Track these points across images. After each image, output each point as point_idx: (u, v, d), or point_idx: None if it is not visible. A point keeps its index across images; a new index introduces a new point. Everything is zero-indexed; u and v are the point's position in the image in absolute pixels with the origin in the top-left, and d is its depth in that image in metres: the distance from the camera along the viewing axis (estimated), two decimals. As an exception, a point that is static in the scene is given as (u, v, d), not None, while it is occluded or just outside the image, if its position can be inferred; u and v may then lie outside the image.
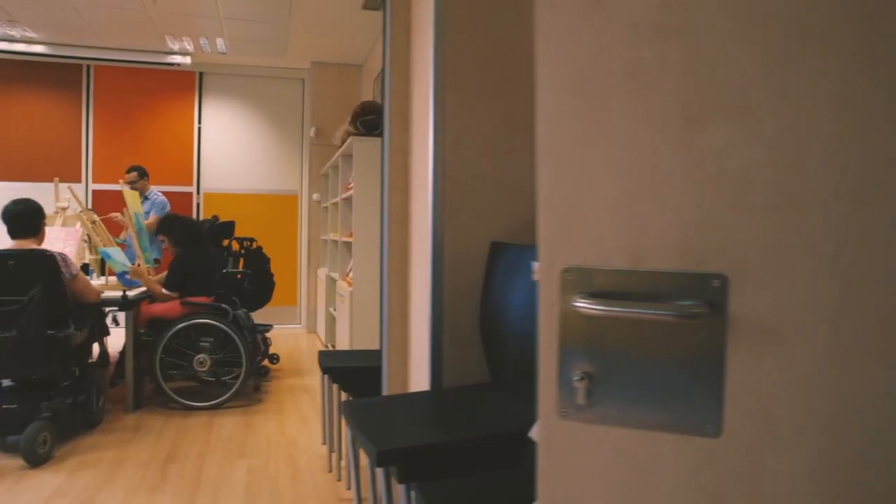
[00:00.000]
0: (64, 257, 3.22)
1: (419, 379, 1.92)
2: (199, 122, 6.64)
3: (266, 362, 4.78)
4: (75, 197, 4.02)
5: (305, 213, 6.68)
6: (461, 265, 1.80)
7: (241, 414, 3.73)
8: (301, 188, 6.86)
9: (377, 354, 2.99)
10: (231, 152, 6.72)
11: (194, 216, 6.52)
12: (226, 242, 4.63)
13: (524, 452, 1.24)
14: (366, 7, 5.10)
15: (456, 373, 1.75)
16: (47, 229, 3.48)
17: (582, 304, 0.75)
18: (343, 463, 2.89)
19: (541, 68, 0.79)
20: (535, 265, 0.81)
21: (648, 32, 0.75)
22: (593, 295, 0.76)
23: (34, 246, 3.26)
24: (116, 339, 3.98)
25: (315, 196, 6.46)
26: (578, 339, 0.77)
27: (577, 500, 0.78)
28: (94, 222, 4.05)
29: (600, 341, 0.77)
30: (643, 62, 0.75)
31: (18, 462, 2.91)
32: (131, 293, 3.71)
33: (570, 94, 0.78)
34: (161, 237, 4.07)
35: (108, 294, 3.57)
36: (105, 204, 6.19)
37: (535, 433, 1.19)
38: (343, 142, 4.69)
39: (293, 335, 6.48)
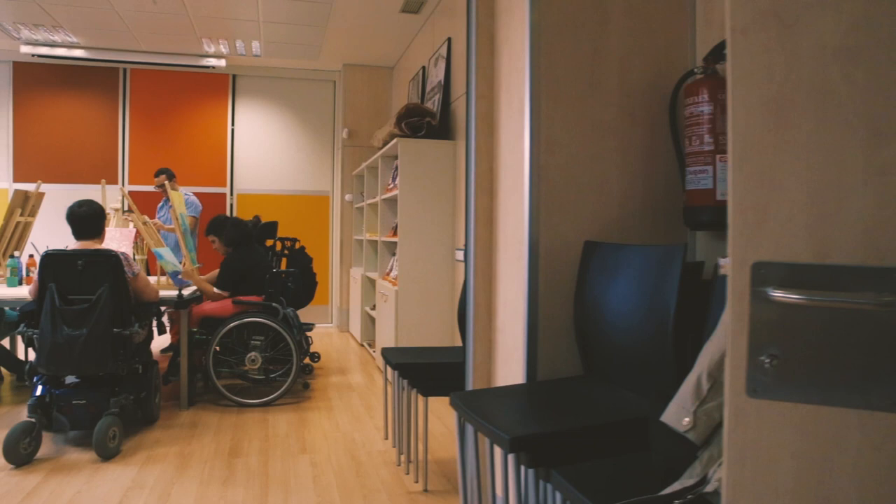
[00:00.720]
0: (126, 256, 3.30)
1: (507, 372, 1.99)
2: (233, 124, 6.73)
3: (307, 360, 4.85)
4: (128, 198, 4.10)
5: (337, 214, 6.76)
6: (555, 263, 1.86)
7: (293, 411, 3.80)
8: (332, 189, 6.94)
9: (445, 350, 3.06)
10: (263, 153, 6.81)
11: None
12: (269, 242, 4.71)
13: (645, 437, 1.30)
14: (404, 10, 5.19)
15: (549, 365, 1.82)
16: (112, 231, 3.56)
17: (779, 294, 0.81)
18: (411, 457, 2.96)
19: (733, 86, 0.86)
20: (724, 261, 0.88)
21: (836, 54, 0.82)
22: (782, 285, 0.83)
23: (98, 246, 3.34)
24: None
25: (347, 197, 6.53)
26: (767, 325, 0.84)
27: (764, 470, 0.84)
28: (144, 223, 4.12)
29: (788, 327, 0.83)
30: (831, 81, 0.82)
31: (88, 456, 2.99)
32: (185, 292, 3.79)
33: (762, 109, 0.85)
34: (211, 237, 4.15)
35: (163, 293, 3.65)
36: (141, 206, 6.28)
37: (668, 418, 1.24)
38: (385, 143, 4.75)
39: (326, 334, 6.55)
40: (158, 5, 5.01)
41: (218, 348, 3.87)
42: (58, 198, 6.10)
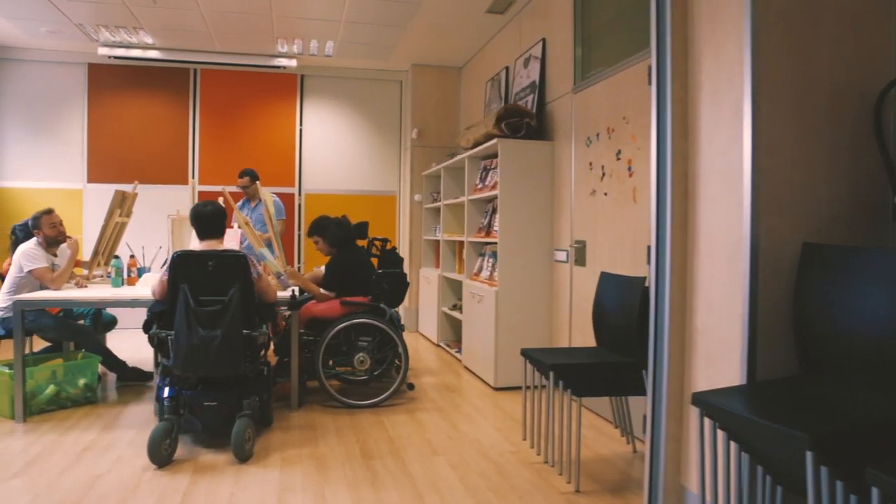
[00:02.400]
0: (248, 258, 3.29)
1: (713, 374, 1.96)
2: (301, 124, 6.73)
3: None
4: (229, 200, 4.10)
5: (405, 214, 6.74)
6: (771, 264, 1.84)
7: (404, 412, 3.78)
8: (399, 189, 6.93)
9: (581, 351, 3.02)
10: (330, 154, 6.81)
11: (296, 217, 6.63)
12: (360, 243, 4.69)
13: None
14: (490, 11, 5.16)
15: (767, 366, 1.80)
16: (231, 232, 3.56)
17: None
18: (553, 457, 2.94)
19: None
20: None
21: None
22: None
23: (221, 246, 3.34)
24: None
25: (416, 197, 6.51)
26: None
27: None
28: (247, 223, 4.13)
29: None
30: None
31: (223, 457, 2.98)
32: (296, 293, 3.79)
33: None
34: (314, 238, 4.14)
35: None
36: (211, 205, 6.30)
37: None
38: (476, 143, 4.73)
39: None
40: (245, 5, 5.01)
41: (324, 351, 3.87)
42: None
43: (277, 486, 2.67)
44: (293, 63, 6.33)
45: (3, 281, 4.37)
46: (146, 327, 3.24)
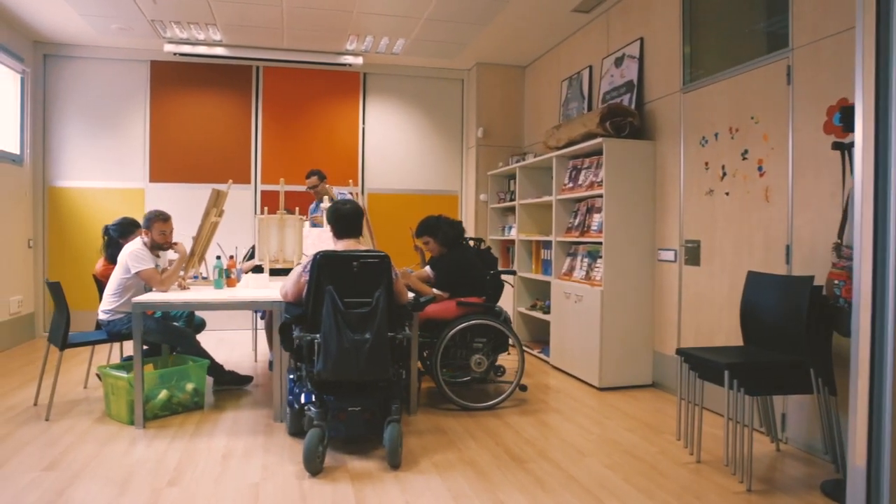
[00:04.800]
0: (390, 258, 3.22)
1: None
2: (363, 123, 6.66)
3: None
4: (333, 196, 4.03)
5: (469, 214, 6.68)
6: None
7: (523, 414, 3.74)
8: (462, 188, 6.87)
9: (735, 350, 2.99)
10: (392, 152, 6.74)
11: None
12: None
13: None
14: (577, 10, 5.13)
15: None
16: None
17: None
18: (699, 456, 2.92)
19: None
20: None
21: None
22: None
23: (359, 246, 3.28)
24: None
25: (482, 196, 6.47)
26: None
27: None
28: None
29: None
30: None
31: (373, 464, 2.91)
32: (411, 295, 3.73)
33: None
34: (425, 238, 4.08)
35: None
36: (273, 205, 6.22)
37: None
38: (570, 143, 4.69)
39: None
40: (326, 2, 4.94)
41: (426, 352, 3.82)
42: (191, 197, 6.06)
43: (448, 493, 2.62)
44: (359, 61, 6.26)
45: (97, 282, 4.27)
46: (284, 330, 3.16)
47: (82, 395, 4.08)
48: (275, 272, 4.17)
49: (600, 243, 4.39)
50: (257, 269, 4.30)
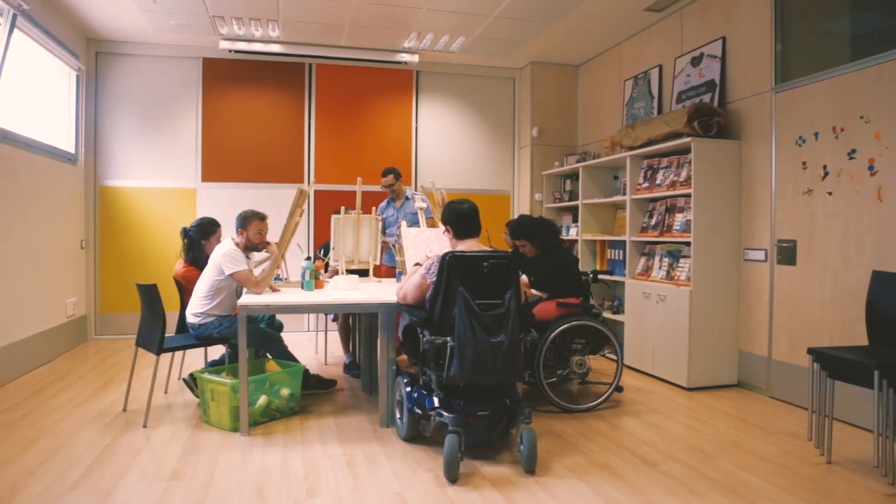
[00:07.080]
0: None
1: None
2: (416, 122, 6.59)
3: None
4: (432, 198, 3.97)
5: (521, 212, 6.64)
6: None
7: (626, 415, 3.70)
8: (514, 187, 6.83)
9: (884, 350, 2.98)
10: (445, 151, 6.68)
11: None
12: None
13: None
14: (649, 9, 5.11)
15: None
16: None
17: None
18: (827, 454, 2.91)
19: None
20: None
21: None
22: None
23: (481, 247, 3.22)
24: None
25: (538, 196, 6.42)
26: None
27: None
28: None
29: None
30: None
31: (505, 469, 2.86)
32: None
33: None
34: (521, 241, 4.02)
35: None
36: (326, 205, 6.14)
37: None
38: (649, 142, 4.67)
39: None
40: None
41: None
42: (243, 197, 5.97)
43: (599, 498, 2.57)
44: (415, 59, 6.18)
45: (178, 285, 4.17)
46: (407, 333, 3.10)
47: (164, 401, 3.98)
48: (349, 273, 4.13)
49: (684, 243, 4.38)
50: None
